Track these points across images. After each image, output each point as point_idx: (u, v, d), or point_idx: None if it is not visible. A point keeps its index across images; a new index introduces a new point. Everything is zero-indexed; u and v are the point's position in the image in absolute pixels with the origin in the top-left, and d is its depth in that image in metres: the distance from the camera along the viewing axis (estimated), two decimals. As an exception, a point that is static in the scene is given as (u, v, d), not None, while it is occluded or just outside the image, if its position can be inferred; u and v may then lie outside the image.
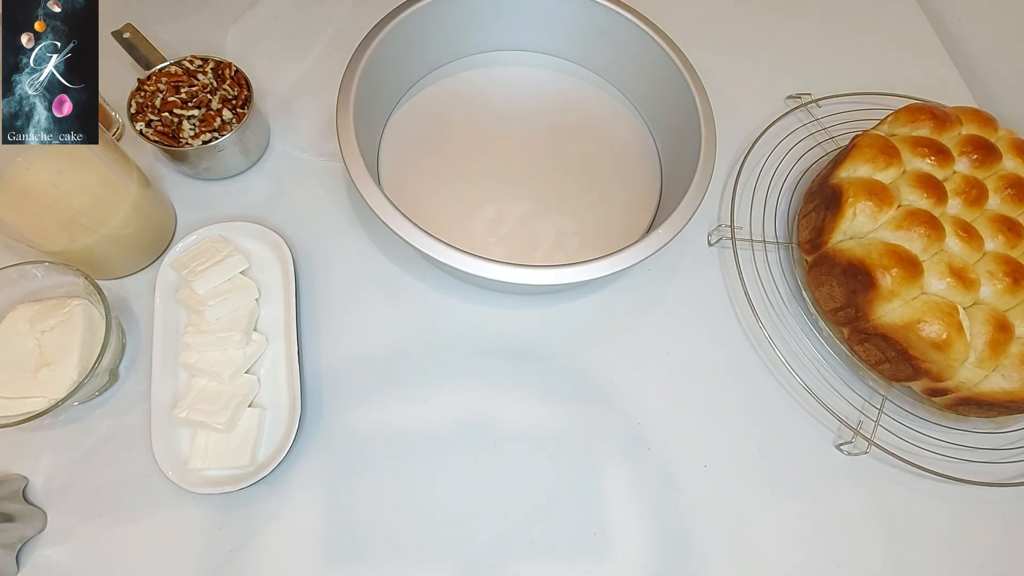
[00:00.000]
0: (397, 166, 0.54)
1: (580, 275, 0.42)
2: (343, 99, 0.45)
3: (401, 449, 0.44)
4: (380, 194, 0.42)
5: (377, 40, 0.48)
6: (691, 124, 0.50)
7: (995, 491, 0.46)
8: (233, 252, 0.45)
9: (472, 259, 0.41)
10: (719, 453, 0.46)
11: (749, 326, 0.51)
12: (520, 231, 0.52)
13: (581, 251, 0.51)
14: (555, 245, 0.51)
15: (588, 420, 0.46)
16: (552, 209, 0.53)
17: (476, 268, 0.41)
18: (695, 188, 0.46)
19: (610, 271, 0.42)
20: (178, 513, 0.41)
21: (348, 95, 0.46)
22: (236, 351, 0.43)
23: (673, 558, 0.43)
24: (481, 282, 0.45)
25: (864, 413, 0.48)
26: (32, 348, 0.40)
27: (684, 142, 0.51)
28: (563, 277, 0.42)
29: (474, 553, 0.42)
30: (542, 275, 0.41)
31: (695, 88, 0.50)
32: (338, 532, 0.41)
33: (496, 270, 0.41)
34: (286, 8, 0.62)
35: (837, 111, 0.60)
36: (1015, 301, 0.45)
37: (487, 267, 0.41)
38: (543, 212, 0.53)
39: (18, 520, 0.38)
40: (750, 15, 0.68)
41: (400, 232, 0.41)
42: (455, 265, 0.41)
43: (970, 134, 0.51)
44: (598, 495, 0.44)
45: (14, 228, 0.39)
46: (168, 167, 0.52)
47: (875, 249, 0.46)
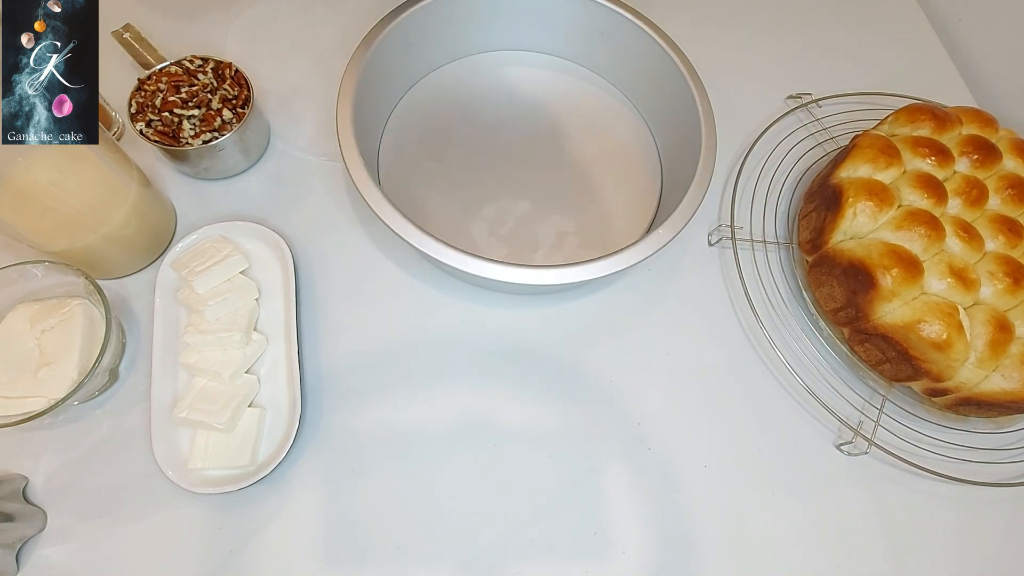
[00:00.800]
0: (397, 166, 0.54)
1: (580, 275, 0.42)
2: (343, 99, 0.45)
3: (401, 449, 0.44)
4: (380, 194, 0.42)
5: (378, 40, 0.48)
6: (691, 124, 0.50)
7: (995, 491, 0.46)
8: (233, 252, 0.45)
9: (472, 259, 0.41)
10: (719, 453, 0.46)
11: (749, 326, 0.51)
12: (520, 231, 0.52)
13: (581, 251, 0.51)
14: (555, 245, 0.51)
15: (588, 420, 0.46)
16: (552, 209, 0.53)
17: (476, 268, 0.41)
18: (695, 188, 0.46)
19: (610, 271, 0.42)
20: (178, 513, 0.41)
21: (348, 95, 0.46)
22: (236, 351, 0.43)
23: (673, 558, 0.43)
24: (481, 282, 0.45)
25: (864, 413, 0.48)
26: (32, 348, 0.40)
27: (684, 142, 0.51)
28: (563, 277, 0.42)
29: (474, 553, 0.42)
30: (542, 275, 0.41)
31: (695, 88, 0.50)
32: (338, 532, 0.41)
33: (496, 270, 0.41)
34: (286, 8, 0.62)
35: (837, 111, 0.60)
36: (1015, 301, 0.45)
37: (487, 267, 0.41)
38: (543, 212, 0.53)
39: (18, 520, 0.38)
40: (750, 15, 0.68)
41: (400, 232, 0.41)
42: (455, 265, 0.41)
43: (970, 134, 0.51)
44: (598, 495, 0.44)
45: (14, 228, 0.39)
46: (168, 167, 0.52)
47: (875, 249, 0.46)
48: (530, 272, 0.41)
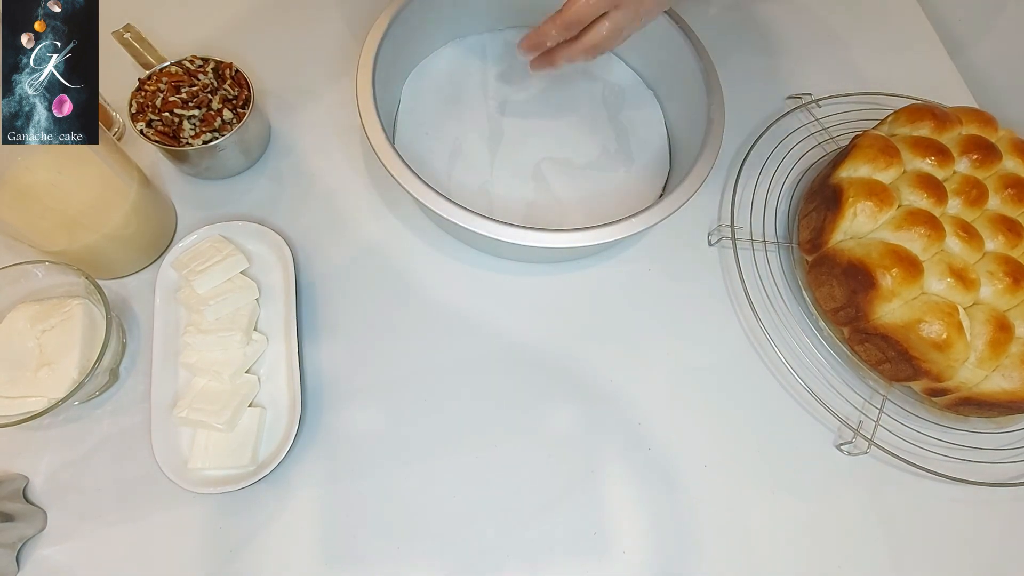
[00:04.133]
0: (413, 138, 0.54)
1: (594, 238, 0.43)
2: (364, 62, 0.47)
3: (401, 449, 0.44)
4: (394, 154, 0.44)
5: (394, 18, 0.49)
6: (699, 100, 0.51)
7: (995, 491, 0.46)
8: (233, 252, 0.45)
9: (488, 222, 0.42)
10: (719, 453, 0.46)
11: (749, 326, 0.51)
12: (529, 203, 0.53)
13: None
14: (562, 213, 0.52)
15: (588, 420, 0.46)
16: (560, 178, 0.54)
17: (490, 230, 0.42)
18: (706, 155, 0.47)
19: (624, 234, 0.44)
20: (178, 513, 0.41)
21: (368, 65, 0.47)
22: (236, 351, 0.43)
23: (673, 558, 0.43)
24: (491, 247, 0.48)
25: (864, 413, 0.48)
26: (32, 347, 0.40)
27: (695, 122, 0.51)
28: (576, 240, 0.43)
29: (474, 553, 0.42)
30: (559, 239, 0.43)
31: (702, 59, 0.51)
32: (338, 532, 0.41)
33: (509, 233, 0.42)
34: (287, 8, 0.61)
35: (837, 111, 0.60)
36: (1015, 301, 0.45)
37: (502, 230, 0.42)
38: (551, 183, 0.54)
39: (18, 520, 0.38)
40: (750, 15, 0.68)
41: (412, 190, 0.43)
42: (467, 225, 0.42)
43: (970, 134, 0.51)
44: (598, 495, 0.44)
45: (14, 228, 0.39)
46: (168, 167, 0.52)
47: (875, 249, 0.46)
48: (545, 236, 0.42)
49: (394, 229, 0.52)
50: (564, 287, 0.51)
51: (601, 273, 0.52)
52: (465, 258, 0.51)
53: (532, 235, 0.43)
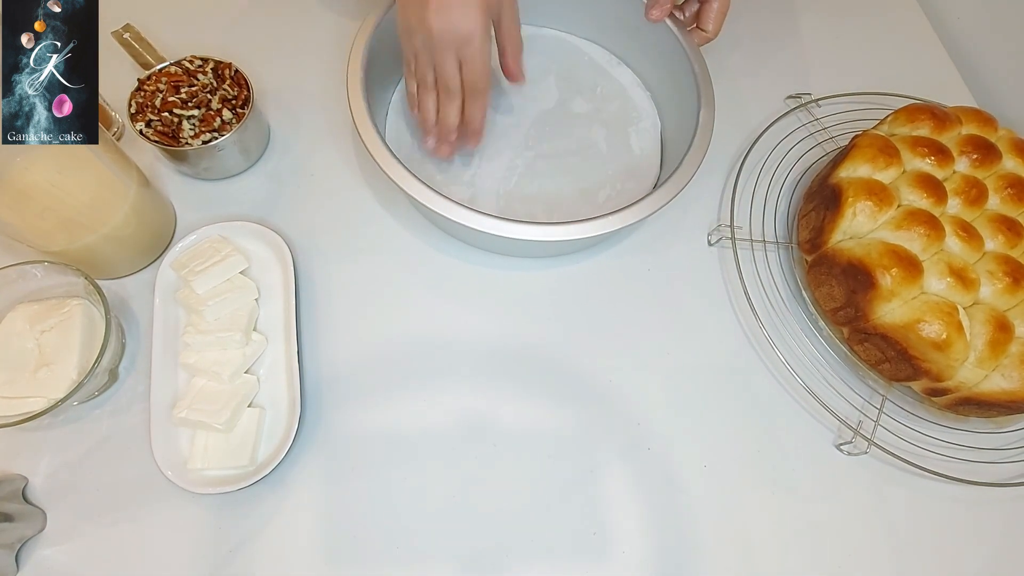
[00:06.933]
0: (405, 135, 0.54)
1: (590, 230, 0.43)
2: (352, 73, 0.47)
3: (401, 449, 0.44)
4: (383, 147, 0.44)
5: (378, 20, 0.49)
6: (690, 93, 0.51)
7: (995, 491, 0.46)
8: (233, 252, 0.45)
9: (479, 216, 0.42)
10: (719, 453, 0.46)
11: (749, 326, 0.51)
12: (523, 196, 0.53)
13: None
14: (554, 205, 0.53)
15: (588, 420, 0.46)
16: (553, 176, 0.54)
17: (479, 223, 0.42)
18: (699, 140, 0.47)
19: (617, 226, 0.44)
20: (178, 513, 0.41)
21: (356, 72, 0.47)
22: (236, 351, 0.43)
23: (673, 558, 0.43)
24: (485, 242, 0.48)
25: (864, 413, 0.48)
26: (32, 348, 0.40)
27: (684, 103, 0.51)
28: (571, 233, 0.43)
29: (474, 553, 0.42)
30: (552, 231, 0.43)
31: (693, 57, 0.51)
32: (337, 532, 0.41)
33: (503, 227, 0.43)
34: (286, 8, 0.62)
35: (837, 111, 0.60)
36: (1015, 301, 0.45)
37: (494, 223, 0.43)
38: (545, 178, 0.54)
39: (18, 520, 0.38)
40: (749, 15, 0.68)
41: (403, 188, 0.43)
42: (463, 222, 0.42)
43: (970, 134, 0.51)
44: (598, 495, 0.44)
45: (14, 228, 0.39)
46: (168, 167, 0.52)
47: (875, 249, 0.46)
48: (538, 229, 0.43)
49: (391, 229, 0.52)
50: (565, 288, 0.51)
51: (601, 273, 0.52)
52: (465, 257, 0.51)
53: (519, 228, 0.43)
